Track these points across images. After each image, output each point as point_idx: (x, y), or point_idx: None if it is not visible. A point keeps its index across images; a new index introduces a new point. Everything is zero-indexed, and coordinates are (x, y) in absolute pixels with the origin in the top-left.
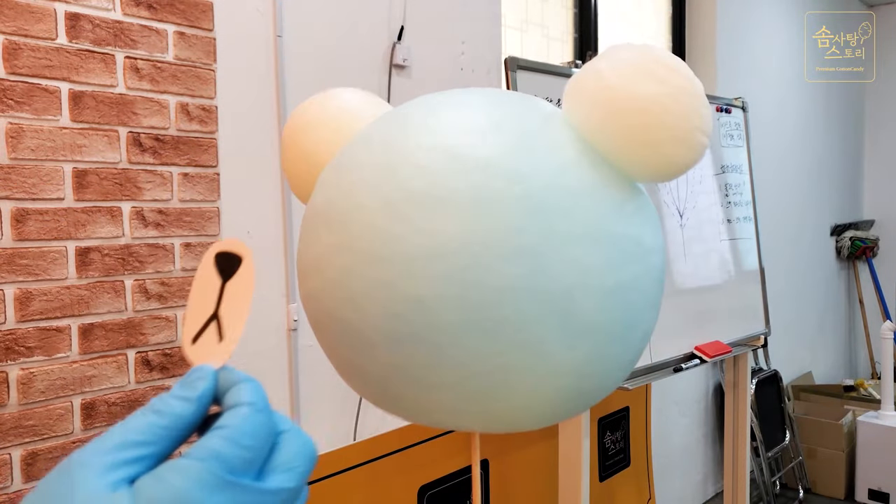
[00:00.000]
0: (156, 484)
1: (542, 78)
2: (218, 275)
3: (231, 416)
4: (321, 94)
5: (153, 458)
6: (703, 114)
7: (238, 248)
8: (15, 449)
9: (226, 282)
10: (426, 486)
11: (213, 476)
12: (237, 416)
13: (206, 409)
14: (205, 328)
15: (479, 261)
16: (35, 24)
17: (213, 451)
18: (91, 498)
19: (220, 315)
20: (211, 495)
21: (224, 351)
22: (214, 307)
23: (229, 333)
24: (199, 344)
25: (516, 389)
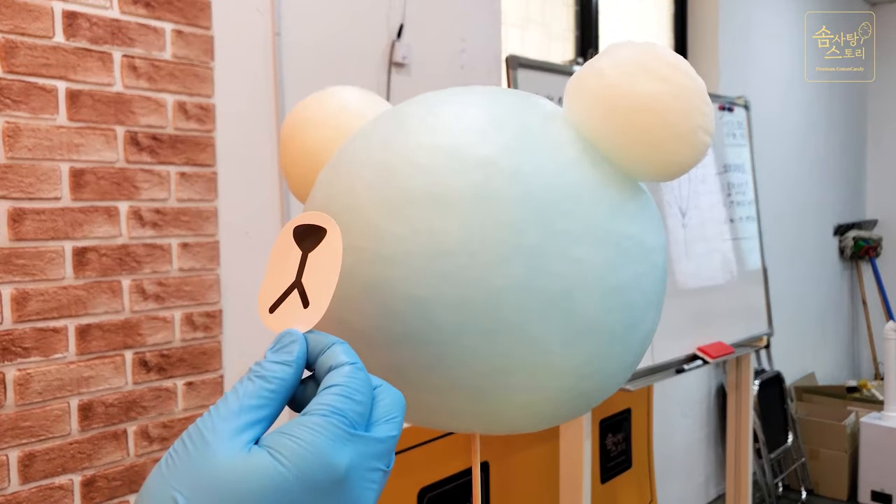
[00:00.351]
0: (288, 440)
1: (542, 76)
2: (298, 246)
3: (338, 376)
4: (320, 91)
5: (268, 419)
6: (705, 112)
7: (322, 220)
8: (12, 450)
9: (307, 253)
10: (426, 489)
11: (338, 429)
12: (343, 374)
13: (301, 370)
14: (284, 297)
15: (479, 260)
16: (32, 22)
17: (334, 406)
18: (232, 458)
19: (304, 283)
20: (339, 446)
21: (311, 316)
22: (296, 277)
23: (316, 300)
24: (280, 312)
25: (517, 390)
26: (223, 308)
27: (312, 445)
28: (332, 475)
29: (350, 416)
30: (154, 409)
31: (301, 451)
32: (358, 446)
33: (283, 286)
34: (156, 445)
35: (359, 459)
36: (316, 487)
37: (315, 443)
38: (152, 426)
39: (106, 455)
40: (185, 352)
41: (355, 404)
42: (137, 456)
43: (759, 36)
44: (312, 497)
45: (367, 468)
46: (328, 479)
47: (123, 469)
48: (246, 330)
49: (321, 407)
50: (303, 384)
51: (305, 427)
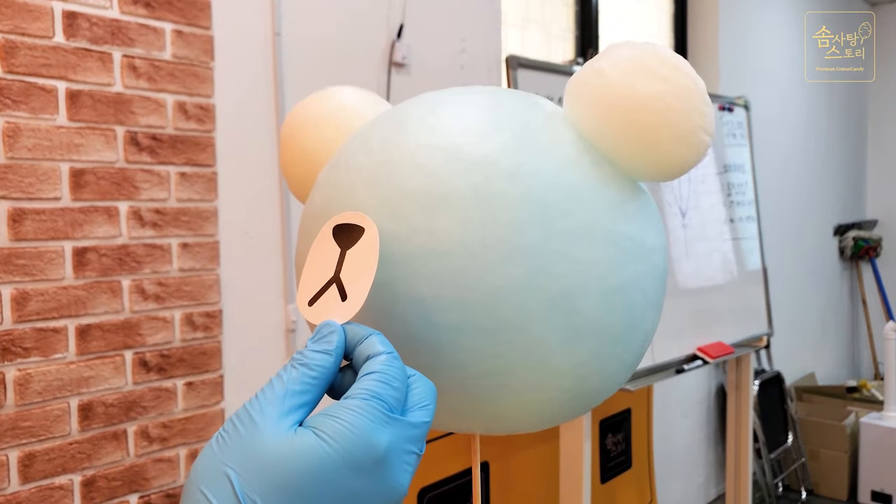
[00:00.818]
0: (332, 421)
1: (542, 76)
2: (337, 244)
3: (376, 363)
4: (319, 92)
5: (310, 405)
6: (705, 112)
7: (360, 220)
8: (12, 450)
9: (345, 250)
10: (426, 489)
11: (378, 412)
12: (381, 362)
13: (340, 359)
14: (323, 291)
15: (480, 260)
16: (32, 22)
17: (374, 391)
18: (279, 438)
19: (342, 278)
20: (380, 428)
21: (349, 309)
22: (335, 272)
23: (354, 292)
24: (319, 304)
25: (517, 390)
26: (223, 308)
27: (355, 426)
28: (373, 454)
29: (388, 400)
30: (154, 409)
31: (345, 430)
32: (396, 429)
33: (322, 280)
34: (156, 445)
35: (396, 442)
36: (358, 466)
37: (357, 423)
38: (152, 426)
39: (106, 455)
40: (185, 352)
41: (393, 390)
42: (137, 456)
43: (759, 36)
44: (355, 475)
45: (404, 451)
46: (369, 458)
47: (123, 469)
48: (246, 330)
49: (362, 392)
50: (341, 372)
51: (348, 409)
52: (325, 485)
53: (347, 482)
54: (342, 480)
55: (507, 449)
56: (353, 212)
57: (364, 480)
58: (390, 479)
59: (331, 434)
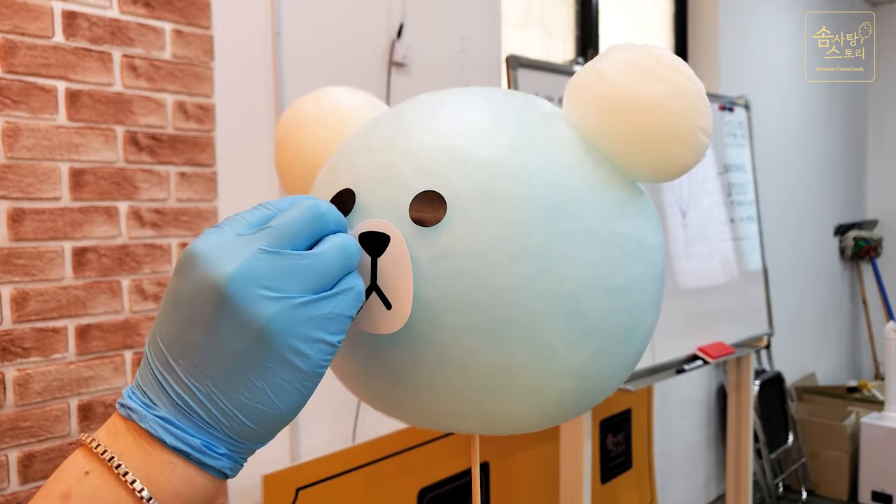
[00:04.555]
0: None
1: (543, 76)
2: (367, 252)
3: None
4: (315, 92)
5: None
6: (704, 113)
7: (384, 227)
8: (11, 450)
9: (376, 258)
10: (426, 489)
11: (221, 229)
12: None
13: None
14: (364, 299)
15: (485, 261)
16: (32, 22)
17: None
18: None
19: (381, 286)
20: (207, 240)
21: (399, 318)
22: (371, 280)
23: (398, 300)
24: (364, 313)
25: (520, 391)
26: None
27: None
28: (185, 256)
29: (248, 223)
30: None
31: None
32: (239, 248)
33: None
34: None
35: (238, 263)
36: (178, 267)
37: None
38: None
39: None
40: None
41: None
42: None
43: (759, 36)
44: (175, 274)
45: (253, 275)
46: (183, 259)
47: None
48: None
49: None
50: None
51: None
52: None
53: (171, 283)
54: (172, 280)
55: (507, 449)
56: (375, 220)
57: (178, 279)
58: (208, 275)
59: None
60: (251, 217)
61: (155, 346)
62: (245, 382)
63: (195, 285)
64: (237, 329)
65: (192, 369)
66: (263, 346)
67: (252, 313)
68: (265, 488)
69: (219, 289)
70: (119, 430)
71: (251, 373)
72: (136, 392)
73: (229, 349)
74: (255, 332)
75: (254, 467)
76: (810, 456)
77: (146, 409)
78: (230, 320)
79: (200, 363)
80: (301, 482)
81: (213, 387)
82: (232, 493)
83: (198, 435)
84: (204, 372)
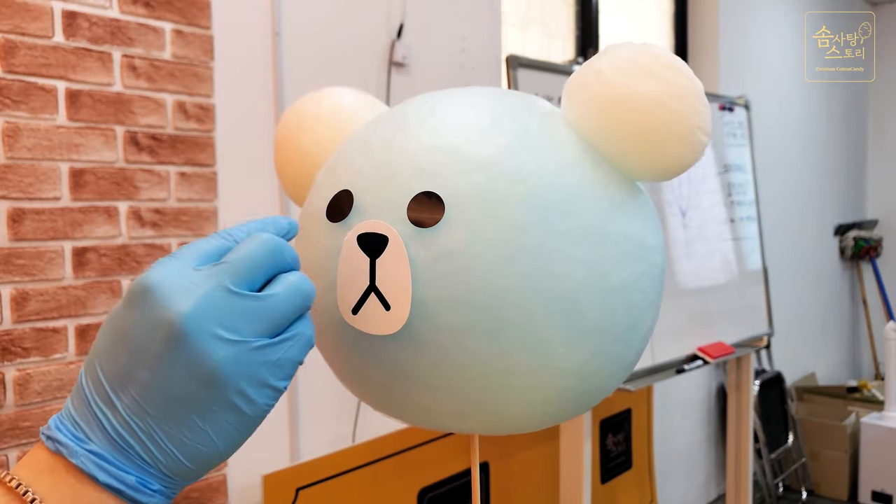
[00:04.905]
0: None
1: (543, 76)
2: (364, 253)
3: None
4: (315, 92)
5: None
6: (703, 113)
7: (382, 229)
8: (11, 450)
9: (374, 259)
10: (426, 489)
11: (174, 260)
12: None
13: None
14: (363, 300)
15: (483, 261)
16: (32, 22)
17: (201, 249)
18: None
19: (379, 287)
20: (159, 271)
21: (397, 319)
22: (370, 281)
23: (396, 304)
24: (364, 314)
25: (519, 391)
26: None
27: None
28: (138, 287)
29: (203, 254)
30: None
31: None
32: (189, 277)
33: (358, 290)
34: None
35: (184, 283)
36: (128, 298)
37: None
38: None
39: None
40: None
41: (231, 251)
42: None
43: (759, 36)
44: (124, 306)
45: (209, 304)
46: (135, 290)
47: None
48: None
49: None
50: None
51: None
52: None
53: (118, 313)
54: (119, 310)
55: (507, 449)
56: (374, 221)
57: (128, 311)
58: (161, 312)
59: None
60: (207, 247)
61: (93, 375)
62: (188, 423)
63: (147, 321)
64: (187, 369)
65: (135, 406)
66: (212, 389)
67: (205, 355)
68: (265, 488)
69: (173, 327)
70: (43, 466)
71: (196, 414)
72: (64, 422)
73: (176, 389)
74: (206, 375)
75: (254, 467)
76: (810, 456)
77: (77, 442)
78: (181, 360)
79: (144, 401)
80: (301, 482)
81: (155, 426)
82: (232, 493)
83: (133, 472)
84: (147, 410)
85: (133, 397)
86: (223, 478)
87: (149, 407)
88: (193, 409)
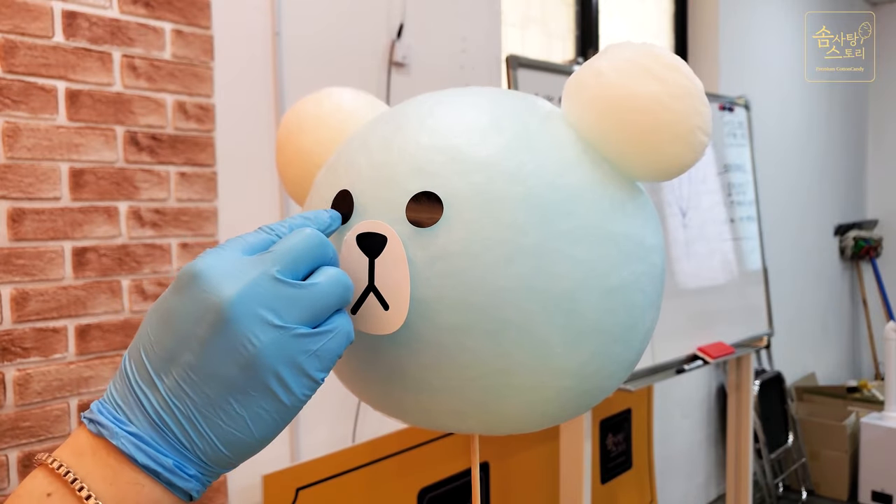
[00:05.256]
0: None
1: (543, 76)
2: (363, 253)
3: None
4: (316, 93)
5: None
6: (703, 113)
7: (380, 228)
8: (11, 450)
9: (373, 259)
10: (426, 489)
11: (225, 250)
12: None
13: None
14: (363, 300)
15: (482, 261)
16: (32, 22)
17: (249, 241)
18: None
19: (378, 287)
20: (207, 260)
21: (396, 319)
22: (369, 281)
23: (395, 304)
24: (363, 314)
25: (519, 391)
26: None
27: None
28: (186, 273)
29: (251, 245)
30: None
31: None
32: (237, 266)
33: (358, 290)
34: None
35: (234, 273)
36: (176, 284)
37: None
38: None
39: None
40: None
41: (278, 243)
42: None
43: (759, 36)
44: (172, 292)
45: (254, 291)
46: (183, 276)
47: None
48: None
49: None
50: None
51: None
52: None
53: (165, 298)
54: (167, 296)
55: (507, 449)
56: (372, 221)
57: (176, 296)
58: (208, 296)
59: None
60: (253, 239)
61: (137, 359)
62: (226, 408)
63: (193, 305)
64: (230, 352)
65: (176, 388)
66: (251, 373)
67: (248, 338)
68: (265, 488)
69: (219, 311)
70: (84, 448)
71: (234, 399)
72: (106, 405)
73: (218, 373)
74: (247, 358)
75: (254, 467)
76: (810, 456)
77: (117, 424)
78: (225, 343)
79: (185, 383)
80: (301, 482)
81: (195, 409)
82: (232, 493)
83: (170, 455)
84: (187, 392)
85: (175, 379)
86: (223, 478)
87: (190, 390)
88: (232, 392)
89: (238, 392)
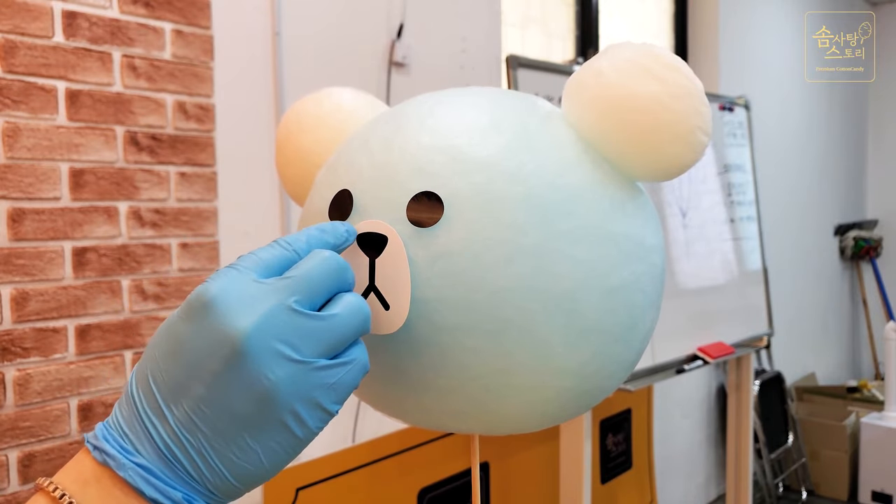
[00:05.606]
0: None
1: (543, 76)
2: (364, 253)
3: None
4: (316, 93)
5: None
6: (703, 113)
7: (381, 228)
8: (11, 450)
9: (374, 259)
10: (426, 489)
11: (238, 271)
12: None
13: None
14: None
15: (482, 261)
16: (32, 21)
17: (263, 259)
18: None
19: (378, 287)
20: (218, 282)
21: (396, 319)
22: (370, 281)
23: (396, 304)
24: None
25: (519, 391)
26: None
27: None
28: (199, 299)
29: (267, 266)
30: None
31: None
32: (252, 289)
33: (358, 290)
34: None
35: (245, 297)
36: (186, 309)
37: (216, 275)
38: None
39: None
40: None
41: (288, 268)
42: None
43: (759, 36)
44: (181, 319)
45: (271, 317)
46: (195, 302)
47: None
48: None
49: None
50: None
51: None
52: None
53: (175, 323)
54: (176, 321)
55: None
56: (373, 220)
57: (187, 323)
58: (222, 328)
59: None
60: (268, 257)
61: (145, 385)
62: (239, 442)
63: (207, 335)
64: (245, 388)
65: (187, 421)
66: (266, 408)
67: (263, 373)
68: (265, 488)
69: (234, 345)
70: (89, 476)
71: (247, 433)
72: (112, 431)
73: (231, 407)
74: (262, 393)
75: None
76: (810, 456)
77: (124, 454)
78: (240, 378)
79: (197, 416)
80: (301, 482)
81: (206, 442)
82: None
83: (180, 487)
84: (199, 426)
85: (186, 412)
86: None
87: (201, 423)
88: (246, 427)
89: (252, 427)
